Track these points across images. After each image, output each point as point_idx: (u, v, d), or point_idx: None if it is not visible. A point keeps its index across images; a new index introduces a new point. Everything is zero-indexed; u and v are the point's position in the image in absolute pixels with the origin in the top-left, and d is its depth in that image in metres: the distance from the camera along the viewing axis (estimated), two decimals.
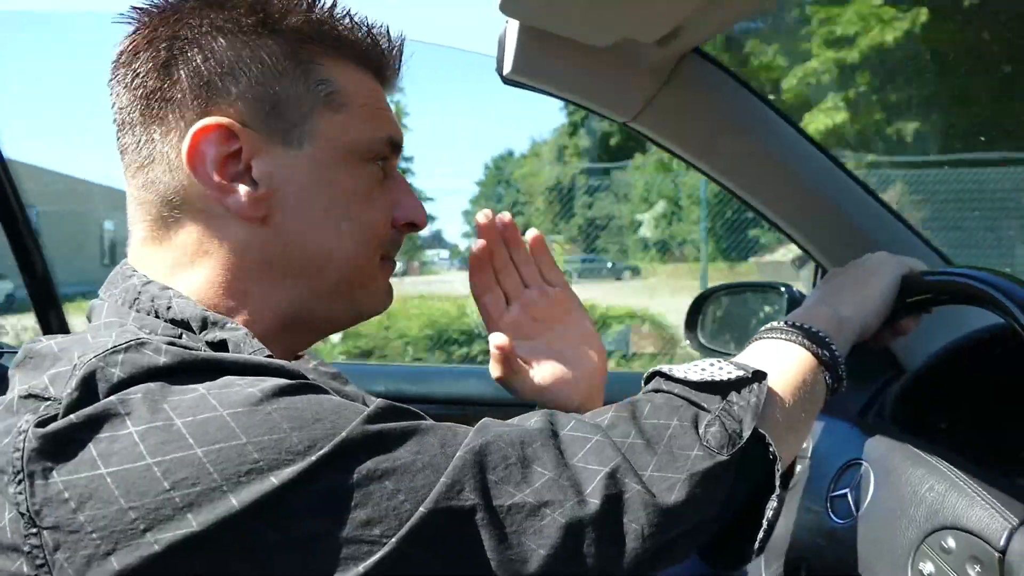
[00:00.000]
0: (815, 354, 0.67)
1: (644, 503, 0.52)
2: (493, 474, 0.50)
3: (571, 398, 0.74)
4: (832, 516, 0.78)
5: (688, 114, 0.97)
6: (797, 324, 0.69)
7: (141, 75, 0.61)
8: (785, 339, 0.68)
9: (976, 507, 0.64)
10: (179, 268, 0.63)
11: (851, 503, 0.76)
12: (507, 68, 0.95)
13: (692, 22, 0.82)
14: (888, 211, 1.00)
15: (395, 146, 0.68)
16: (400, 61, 0.70)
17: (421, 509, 0.47)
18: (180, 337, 0.57)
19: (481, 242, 0.77)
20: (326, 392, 0.52)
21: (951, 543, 0.64)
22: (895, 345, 0.98)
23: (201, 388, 0.48)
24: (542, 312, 0.78)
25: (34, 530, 0.45)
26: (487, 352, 0.75)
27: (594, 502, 0.51)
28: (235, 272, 0.62)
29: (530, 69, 0.95)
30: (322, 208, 0.64)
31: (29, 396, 0.48)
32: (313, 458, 0.46)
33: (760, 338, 0.70)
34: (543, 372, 0.74)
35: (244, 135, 0.61)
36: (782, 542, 0.84)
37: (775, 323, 0.71)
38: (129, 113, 0.62)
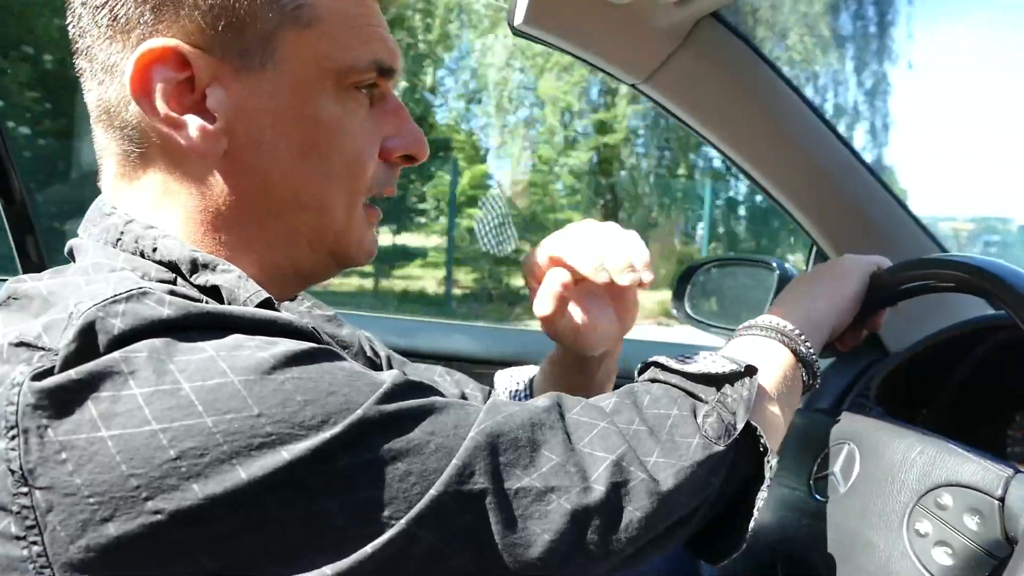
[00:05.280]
0: (794, 351, 0.69)
1: (648, 491, 0.53)
2: (503, 456, 0.49)
3: (596, 346, 0.76)
4: (815, 496, 0.79)
5: (701, 80, 0.95)
6: (775, 324, 0.71)
7: None
8: (765, 336, 0.70)
9: (970, 463, 0.64)
10: (154, 210, 0.57)
11: (838, 480, 0.77)
12: (518, 18, 0.92)
13: None
14: (893, 198, 0.99)
15: (383, 70, 0.60)
16: None
17: (432, 492, 0.46)
18: (175, 282, 0.54)
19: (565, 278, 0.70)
20: (338, 356, 0.50)
21: (947, 500, 0.64)
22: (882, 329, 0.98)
23: (209, 348, 0.45)
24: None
25: (24, 489, 0.42)
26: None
27: (599, 489, 0.51)
28: (205, 216, 0.57)
29: (542, 21, 0.91)
30: (287, 142, 0.56)
31: (21, 344, 0.45)
32: (327, 435, 0.45)
33: (742, 334, 0.72)
34: (584, 313, 0.74)
35: (196, 58, 0.54)
36: (762, 525, 0.84)
37: (754, 320, 0.73)
38: (85, 25, 0.55)
